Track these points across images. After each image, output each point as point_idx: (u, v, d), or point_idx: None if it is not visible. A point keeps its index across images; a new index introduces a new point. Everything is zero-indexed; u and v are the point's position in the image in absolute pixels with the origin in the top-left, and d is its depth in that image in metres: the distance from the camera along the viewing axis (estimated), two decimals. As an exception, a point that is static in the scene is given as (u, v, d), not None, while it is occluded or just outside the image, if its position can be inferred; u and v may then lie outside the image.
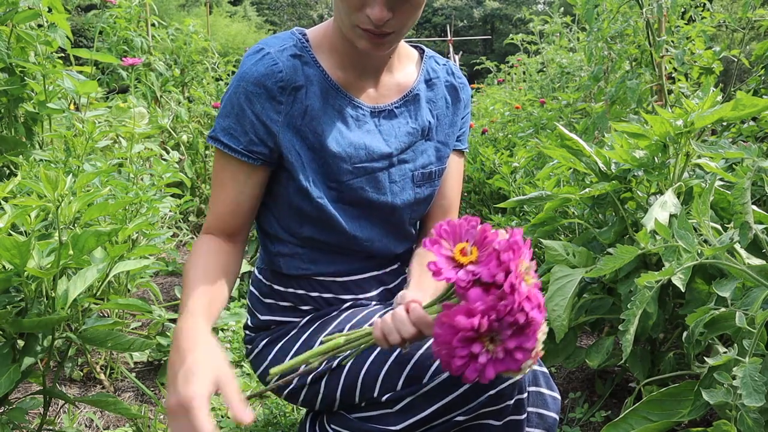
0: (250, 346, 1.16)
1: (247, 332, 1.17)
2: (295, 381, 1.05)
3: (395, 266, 1.17)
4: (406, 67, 1.12)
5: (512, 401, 0.93)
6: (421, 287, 0.98)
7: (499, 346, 0.68)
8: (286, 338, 1.09)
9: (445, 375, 0.92)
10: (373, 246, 1.10)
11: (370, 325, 1.01)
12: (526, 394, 0.95)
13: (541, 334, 0.70)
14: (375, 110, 1.07)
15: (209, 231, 1.05)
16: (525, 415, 0.95)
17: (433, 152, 1.12)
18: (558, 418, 1.02)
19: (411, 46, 1.17)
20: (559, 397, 1.03)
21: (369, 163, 1.05)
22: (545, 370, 1.02)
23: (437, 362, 0.92)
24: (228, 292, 0.98)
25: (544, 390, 1.00)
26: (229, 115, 1.00)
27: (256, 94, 0.98)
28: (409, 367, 0.94)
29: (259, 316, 1.13)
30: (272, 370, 0.83)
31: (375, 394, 0.96)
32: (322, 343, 0.87)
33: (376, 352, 0.99)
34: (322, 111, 1.02)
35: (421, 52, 1.16)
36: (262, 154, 1.01)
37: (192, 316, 0.84)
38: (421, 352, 0.95)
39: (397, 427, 0.94)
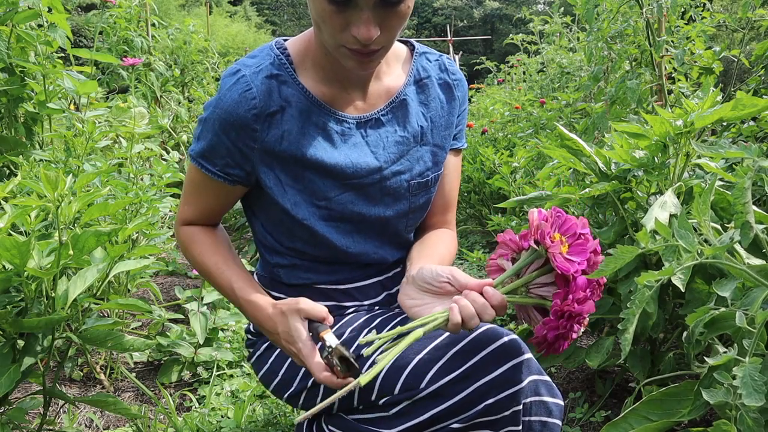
0: (251, 350, 1.16)
1: (249, 336, 1.17)
2: (295, 384, 1.05)
3: (397, 270, 1.15)
4: (395, 69, 1.07)
5: (509, 412, 0.92)
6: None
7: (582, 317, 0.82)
8: None
9: (443, 382, 0.91)
10: (368, 258, 1.09)
11: (370, 329, 1.02)
12: (521, 406, 0.93)
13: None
14: (361, 120, 1.03)
15: (192, 222, 1.10)
16: (521, 426, 0.94)
17: (429, 157, 1.08)
18: (561, 424, 1.01)
19: (400, 41, 1.10)
20: (562, 403, 1.02)
21: (357, 180, 1.02)
22: (547, 378, 1.00)
23: (435, 368, 0.92)
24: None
25: (546, 398, 0.99)
26: (204, 139, 1.01)
27: (230, 122, 0.97)
28: (406, 372, 0.93)
29: None
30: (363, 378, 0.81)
31: (372, 398, 0.96)
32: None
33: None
34: (302, 132, 0.99)
35: (411, 48, 1.10)
36: (239, 176, 1.02)
37: (257, 305, 1.01)
38: (419, 357, 0.93)
39: (392, 431, 0.93)
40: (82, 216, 1.24)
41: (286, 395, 1.07)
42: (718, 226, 1.17)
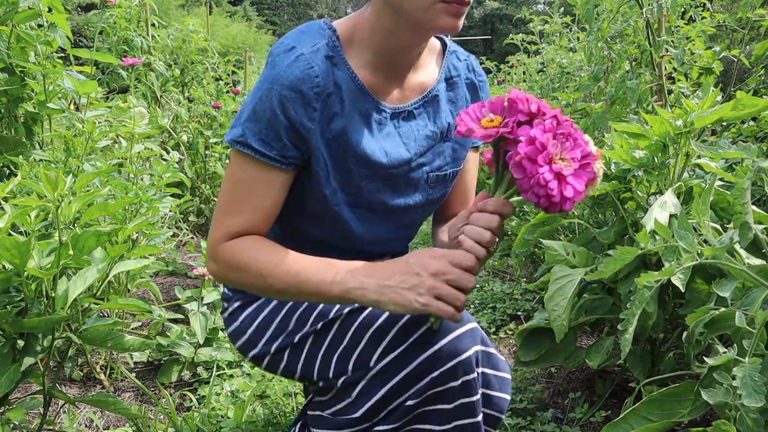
0: (225, 305, 1.15)
1: (225, 291, 1.17)
2: (259, 347, 1.08)
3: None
4: (429, 64, 1.08)
5: (457, 383, 0.92)
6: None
7: (571, 159, 0.81)
8: (258, 302, 1.10)
9: (389, 358, 0.94)
10: (381, 249, 1.11)
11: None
12: (474, 375, 0.93)
13: (598, 163, 0.83)
14: (396, 111, 1.03)
15: (241, 233, 0.98)
16: (477, 397, 0.94)
17: (449, 153, 1.10)
18: (509, 398, 1.03)
19: (435, 36, 1.10)
20: (508, 376, 1.03)
21: (390, 170, 1.03)
22: (492, 350, 1.01)
23: (381, 346, 0.95)
24: None
25: (488, 370, 1.00)
26: (261, 120, 0.94)
27: (291, 99, 0.92)
28: (357, 352, 0.97)
29: None
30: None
31: (330, 375, 1.00)
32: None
33: (330, 336, 1.01)
34: (349, 117, 0.98)
35: (444, 44, 1.11)
36: (295, 158, 0.97)
37: (345, 280, 0.91)
38: (366, 337, 0.97)
39: (358, 414, 0.96)
40: (82, 216, 1.24)
41: (250, 355, 1.10)
42: (718, 226, 1.17)
